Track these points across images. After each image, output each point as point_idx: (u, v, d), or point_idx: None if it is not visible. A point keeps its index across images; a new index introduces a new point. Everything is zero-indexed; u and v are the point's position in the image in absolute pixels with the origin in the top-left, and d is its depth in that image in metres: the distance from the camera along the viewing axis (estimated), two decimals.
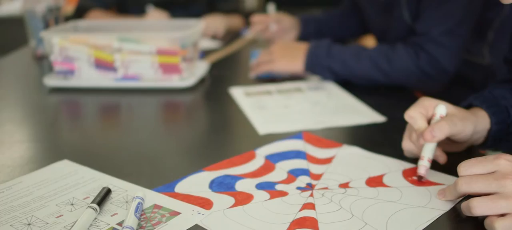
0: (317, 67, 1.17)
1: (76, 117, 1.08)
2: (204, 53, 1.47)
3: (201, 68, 1.26)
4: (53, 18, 1.53)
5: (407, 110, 0.74)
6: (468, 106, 0.82)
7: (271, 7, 1.39)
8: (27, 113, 1.10)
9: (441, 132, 0.70)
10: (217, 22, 1.79)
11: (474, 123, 0.75)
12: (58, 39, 1.17)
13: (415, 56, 1.11)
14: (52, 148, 0.87)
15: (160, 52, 1.14)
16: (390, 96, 1.12)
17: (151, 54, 1.14)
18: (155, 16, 1.72)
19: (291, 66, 1.20)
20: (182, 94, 1.15)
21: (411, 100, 0.79)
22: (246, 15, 1.83)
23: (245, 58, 1.47)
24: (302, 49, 1.20)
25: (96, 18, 1.79)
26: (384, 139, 0.86)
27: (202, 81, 1.24)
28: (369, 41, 1.80)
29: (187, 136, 0.94)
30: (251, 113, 0.98)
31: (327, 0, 2.27)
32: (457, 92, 1.23)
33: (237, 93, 1.11)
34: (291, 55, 1.20)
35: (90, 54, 1.16)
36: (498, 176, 0.58)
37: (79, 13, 1.84)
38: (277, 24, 1.47)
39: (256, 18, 1.49)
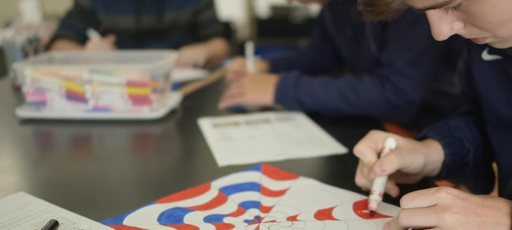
0: (285, 99, 1.18)
1: (44, 148, 1.09)
2: (179, 84, 1.48)
3: (173, 99, 1.27)
4: (32, 49, 1.55)
5: (356, 145, 0.74)
6: (423, 138, 0.83)
7: (250, 47, 1.40)
8: None
9: (390, 165, 0.70)
10: (196, 53, 1.78)
11: (425, 155, 0.76)
12: (30, 70, 1.18)
13: (381, 87, 1.12)
14: (12, 180, 0.87)
15: (130, 84, 1.15)
16: (358, 127, 1.12)
17: (121, 86, 1.15)
18: (95, 45, 1.65)
19: (261, 98, 1.21)
20: (152, 125, 1.16)
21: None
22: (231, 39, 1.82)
23: (221, 88, 1.48)
24: (271, 81, 1.21)
25: (61, 49, 1.78)
26: (342, 171, 0.86)
27: (173, 112, 1.24)
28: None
29: (148, 167, 0.94)
30: (215, 145, 0.98)
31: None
32: (428, 121, 1.23)
33: (205, 124, 1.12)
34: (261, 88, 1.22)
35: (61, 86, 1.17)
36: (438, 210, 0.58)
37: (51, 43, 1.84)
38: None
39: (234, 66, 1.50)
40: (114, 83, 1.16)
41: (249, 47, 1.39)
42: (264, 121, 1.14)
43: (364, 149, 0.74)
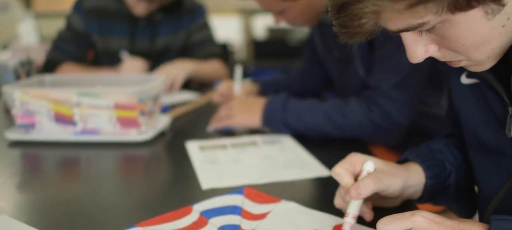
0: (273, 121, 1.18)
1: (31, 171, 1.09)
2: (170, 107, 1.49)
3: (162, 121, 1.28)
4: (25, 71, 1.56)
5: (334, 167, 0.75)
6: (404, 161, 0.83)
7: (238, 70, 1.41)
8: None
9: (366, 189, 0.70)
10: (175, 70, 1.72)
11: (405, 178, 0.76)
12: (19, 93, 1.19)
13: (368, 109, 1.12)
14: None
15: (118, 107, 1.16)
16: (345, 149, 1.11)
17: (109, 109, 1.16)
18: (131, 64, 1.72)
19: (249, 121, 1.22)
20: (140, 148, 1.16)
21: (366, 154, 0.79)
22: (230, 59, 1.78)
23: (211, 111, 1.48)
24: (259, 104, 1.22)
25: (68, 72, 1.79)
26: (324, 194, 0.86)
27: (162, 134, 1.25)
28: None
29: (133, 190, 0.94)
30: (200, 168, 0.98)
31: None
32: (416, 143, 1.23)
33: (192, 147, 1.12)
34: (249, 110, 1.22)
35: (50, 108, 1.18)
36: None
37: (49, 66, 1.83)
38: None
39: (222, 88, 1.50)
40: (102, 106, 1.16)
41: (238, 70, 1.40)
42: (251, 143, 1.14)
43: (341, 171, 0.74)
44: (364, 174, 0.73)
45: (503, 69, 0.68)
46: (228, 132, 1.25)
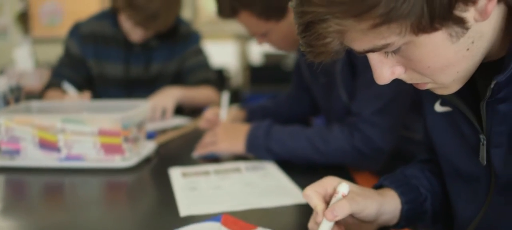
0: (256, 148, 1.18)
1: (15, 198, 1.08)
2: (156, 133, 1.49)
3: (147, 148, 1.28)
4: (14, 97, 1.57)
5: (305, 188, 0.75)
6: (379, 187, 0.84)
7: (225, 96, 1.42)
8: None
9: (342, 210, 0.70)
10: (164, 100, 1.72)
11: (380, 203, 0.76)
12: (4, 119, 1.19)
13: (350, 135, 1.13)
14: None
15: (102, 133, 1.16)
16: (327, 176, 1.13)
17: (93, 135, 1.16)
18: (72, 99, 1.64)
19: (233, 147, 1.22)
20: (124, 174, 1.16)
21: (348, 180, 0.79)
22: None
23: (197, 137, 1.48)
24: (243, 130, 1.22)
25: (52, 98, 1.80)
26: (302, 220, 0.86)
27: (147, 161, 1.25)
28: None
29: (114, 217, 0.94)
30: (180, 195, 0.98)
31: None
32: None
33: (175, 173, 1.13)
34: (233, 137, 1.23)
35: (35, 135, 1.19)
36: None
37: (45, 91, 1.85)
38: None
39: (208, 114, 1.51)
40: (87, 133, 1.17)
41: (225, 97, 1.41)
42: (234, 170, 1.14)
43: (311, 193, 0.74)
44: (339, 196, 0.73)
45: (474, 96, 0.69)
46: (213, 158, 1.25)
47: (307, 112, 1.59)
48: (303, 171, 1.14)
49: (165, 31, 1.83)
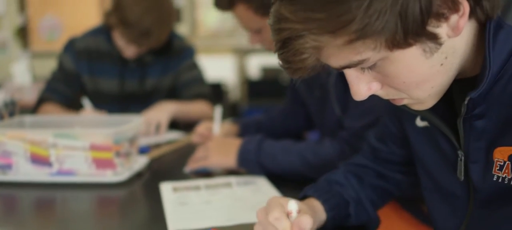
0: (247, 162, 1.19)
1: (6, 213, 1.09)
2: (149, 148, 1.49)
3: (139, 162, 1.28)
4: (8, 112, 1.57)
5: (270, 213, 0.74)
6: (304, 197, 0.87)
7: (218, 110, 1.42)
8: None
9: (308, 224, 0.72)
10: (158, 114, 1.70)
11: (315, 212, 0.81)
12: None
13: (340, 150, 1.13)
14: None
15: (93, 148, 1.16)
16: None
17: (84, 150, 1.17)
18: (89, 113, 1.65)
19: (224, 161, 1.22)
20: (115, 189, 1.16)
21: None
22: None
23: (190, 151, 1.48)
24: (235, 144, 1.22)
25: (47, 112, 1.80)
26: None
27: (139, 175, 1.25)
28: None
29: None
30: (170, 210, 0.98)
31: None
32: None
33: (166, 188, 1.12)
34: (225, 151, 1.23)
35: (26, 149, 1.19)
36: None
37: (39, 106, 1.85)
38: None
39: (200, 129, 1.50)
40: (78, 147, 1.17)
41: (217, 111, 1.41)
42: (225, 185, 1.14)
43: (280, 215, 0.73)
44: (294, 214, 0.73)
45: (451, 113, 0.70)
46: (205, 173, 1.25)
47: (302, 127, 1.59)
48: (294, 186, 1.14)
49: (159, 46, 1.84)
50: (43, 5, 4.36)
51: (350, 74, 0.63)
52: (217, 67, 4.18)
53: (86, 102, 1.77)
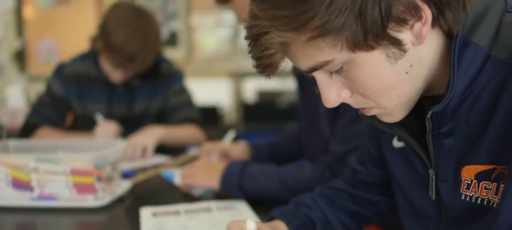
0: (229, 185, 1.19)
1: None
2: (135, 172, 1.49)
3: (122, 187, 1.28)
4: None
5: None
6: (271, 219, 0.88)
7: (230, 135, 1.44)
8: None
9: None
10: (144, 139, 1.70)
11: None
12: None
13: (321, 174, 1.13)
14: None
15: (74, 172, 1.17)
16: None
17: (65, 174, 1.17)
18: (105, 127, 1.72)
19: (208, 182, 1.22)
20: (96, 214, 1.16)
21: None
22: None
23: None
24: (220, 167, 1.22)
25: (44, 137, 1.80)
26: None
27: (120, 200, 1.25)
28: None
29: None
30: None
31: None
32: None
33: (146, 213, 1.12)
34: (210, 172, 1.23)
35: (8, 174, 1.19)
36: None
37: (27, 130, 1.84)
38: (229, 153, 1.50)
39: (207, 147, 1.51)
40: (59, 172, 1.17)
41: (229, 136, 1.43)
42: (205, 209, 1.14)
43: None
44: None
45: (422, 131, 0.70)
46: (209, 195, 1.26)
47: None
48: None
49: (146, 70, 1.85)
50: (41, 29, 4.40)
51: (320, 79, 0.64)
52: (213, 91, 4.19)
53: (99, 116, 1.81)
